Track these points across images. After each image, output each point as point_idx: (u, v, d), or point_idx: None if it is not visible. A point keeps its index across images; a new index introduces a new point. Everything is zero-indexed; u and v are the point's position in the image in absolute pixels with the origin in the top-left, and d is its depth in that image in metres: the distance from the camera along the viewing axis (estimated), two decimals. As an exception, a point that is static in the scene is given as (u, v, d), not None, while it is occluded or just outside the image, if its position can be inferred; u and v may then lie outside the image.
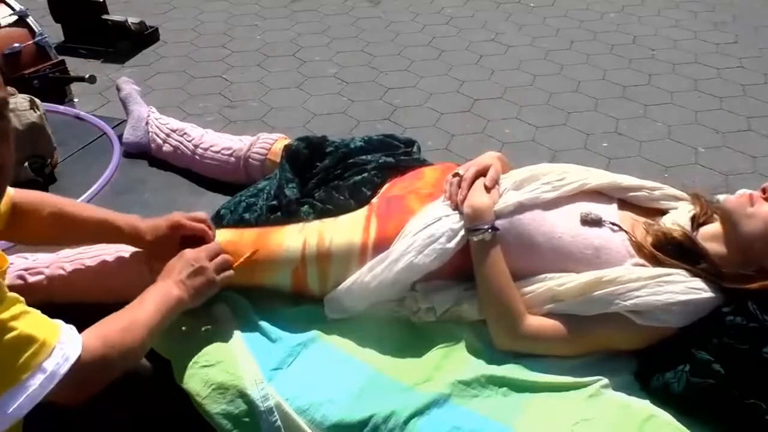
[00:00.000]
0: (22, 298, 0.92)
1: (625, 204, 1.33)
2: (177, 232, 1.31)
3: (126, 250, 1.38)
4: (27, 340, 0.89)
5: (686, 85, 3.71)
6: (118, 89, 2.04)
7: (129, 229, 1.30)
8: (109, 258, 1.38)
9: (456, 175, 1.36)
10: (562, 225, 1.25)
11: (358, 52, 4.10)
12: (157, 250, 1.30)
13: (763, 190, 1.21)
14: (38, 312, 0.94)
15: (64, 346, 0.93)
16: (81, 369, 0.95)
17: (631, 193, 1.34)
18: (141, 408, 1.34)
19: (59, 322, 0.97)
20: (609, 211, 1.28)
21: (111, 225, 1.30)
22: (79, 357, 0.94)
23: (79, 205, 1.38)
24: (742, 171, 3.00)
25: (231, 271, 1.27)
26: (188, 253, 1.24)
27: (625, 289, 1.17)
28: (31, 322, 0.91)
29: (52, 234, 1.30)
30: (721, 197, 1.31)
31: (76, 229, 1.30)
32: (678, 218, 1.28)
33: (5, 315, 0.87)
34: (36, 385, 0.89)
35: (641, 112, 3.46)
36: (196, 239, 1.31)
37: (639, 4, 4.74)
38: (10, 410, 0.86)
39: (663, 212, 1.33)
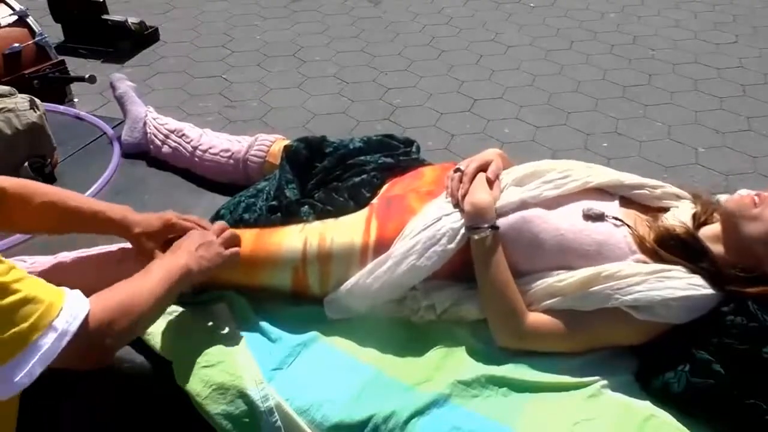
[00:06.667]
0: (16, 264, 0.91)
1: (627, 201, 1.33)
2: (168, 230, 1.32)
3: (127, 248, 1.38)
4: (33, 302, 0.89)
5: (686, 85, 3.71)
6: (113, 87, 2.02)
7: (120, 219, 1.31)
8: (110, 257, 1.37)
9: (457, 170, 1.36)
10: (564, 222, 1.25)
11: (358, 52, 4.10)
12: (143, 244, 1.30)
13: None
14: (38, 278, 0.94)
15: (71, 306, 0.93)
16: (90, 333, 0.94)
17: (633, 191, 1.34)
18: (141, 408, 1.34)
19: (63, 287, 0.96)
20: (611, 207, 1.28)
21: (103, 215, 1.30)
22: (87, 318, 0.94)
23: (74, 195, 1.36)
24: (742, 171, 3.00)
25: (238, 248, 1.31)
26: (196, 231, 1.29)
27: (624, 284, 1.16)
28: (34, 285, 0.91)
29: (43, 223, 1.30)
30: (722, 197, 1.31)
31: (67, 219, 1.29)
32: (680, 215, 1.28)
33: (6, 278, 0.87)
34: (48, 344, 0.89)
35: (641, 112, 3.46)
36: None
37: (639, 4, 4.74)
38: (25, 371, 0.86)
39: (665, 211, 1.32)
